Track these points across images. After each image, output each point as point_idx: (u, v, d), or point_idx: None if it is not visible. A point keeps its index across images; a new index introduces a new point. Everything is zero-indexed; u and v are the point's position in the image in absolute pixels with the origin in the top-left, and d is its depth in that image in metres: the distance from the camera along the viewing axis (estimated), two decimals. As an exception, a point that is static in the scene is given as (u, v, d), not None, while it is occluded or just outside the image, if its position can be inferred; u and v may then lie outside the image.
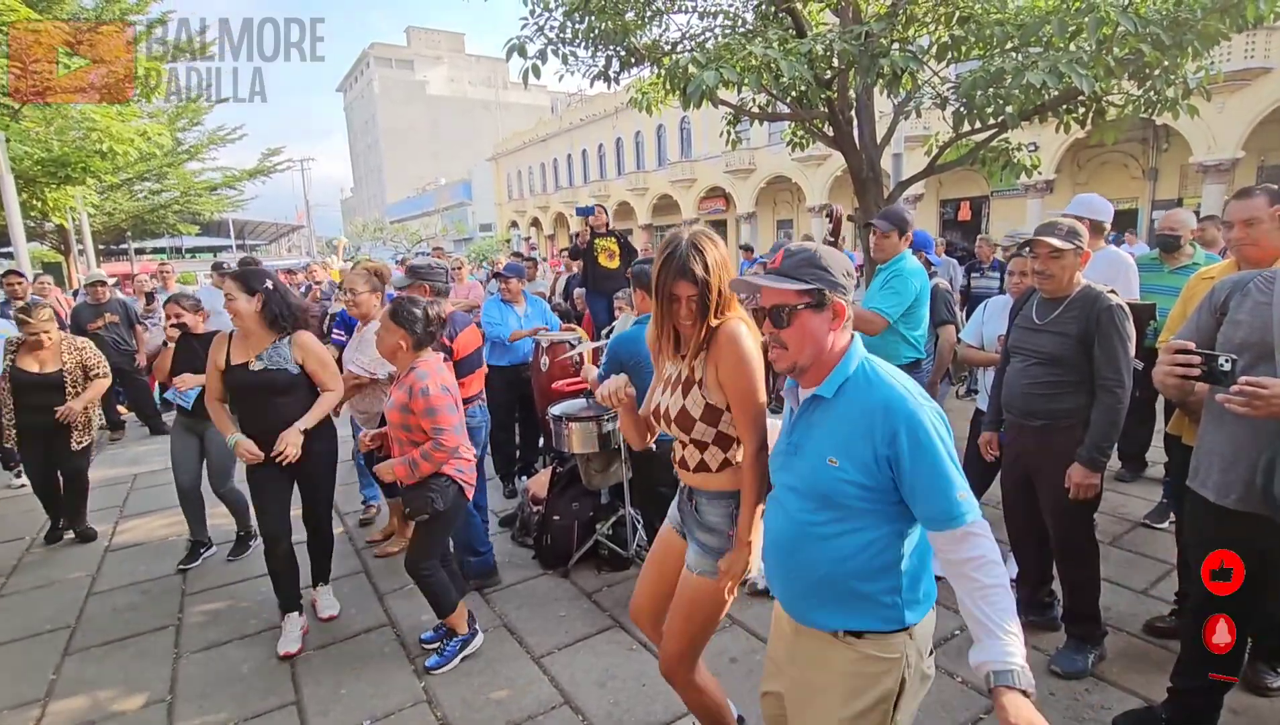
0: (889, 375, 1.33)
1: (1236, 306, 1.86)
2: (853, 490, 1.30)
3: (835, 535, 1.34)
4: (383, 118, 71.76)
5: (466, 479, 2.78)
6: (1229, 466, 1.84)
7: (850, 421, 1.31)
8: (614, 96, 29.16)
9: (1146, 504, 3.93)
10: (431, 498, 2.62)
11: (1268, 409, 1.57)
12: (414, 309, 2.66)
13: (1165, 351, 1.71)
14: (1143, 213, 19.29)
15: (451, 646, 2.80)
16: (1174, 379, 1.69)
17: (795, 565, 1.40)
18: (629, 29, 5.94)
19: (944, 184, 22.13)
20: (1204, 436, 1.96)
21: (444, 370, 2.75)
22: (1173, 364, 1.67)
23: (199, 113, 16.03)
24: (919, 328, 3.39)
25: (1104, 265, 3.47)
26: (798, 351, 1.35)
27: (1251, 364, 1.75)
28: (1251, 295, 1.84)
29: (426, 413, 2.56)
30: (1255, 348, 1.78)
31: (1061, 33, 4.27)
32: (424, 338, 2.68)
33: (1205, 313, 1.95)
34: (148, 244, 29.05)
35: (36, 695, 2.72)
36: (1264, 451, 1.75)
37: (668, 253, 1.66)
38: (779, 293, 1.34)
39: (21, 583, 3.75)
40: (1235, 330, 1.84)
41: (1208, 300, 1.96)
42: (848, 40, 4.78)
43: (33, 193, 10.68)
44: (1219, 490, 1.87)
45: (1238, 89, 15.16)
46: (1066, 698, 2.39)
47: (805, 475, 1.37)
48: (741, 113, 6.84)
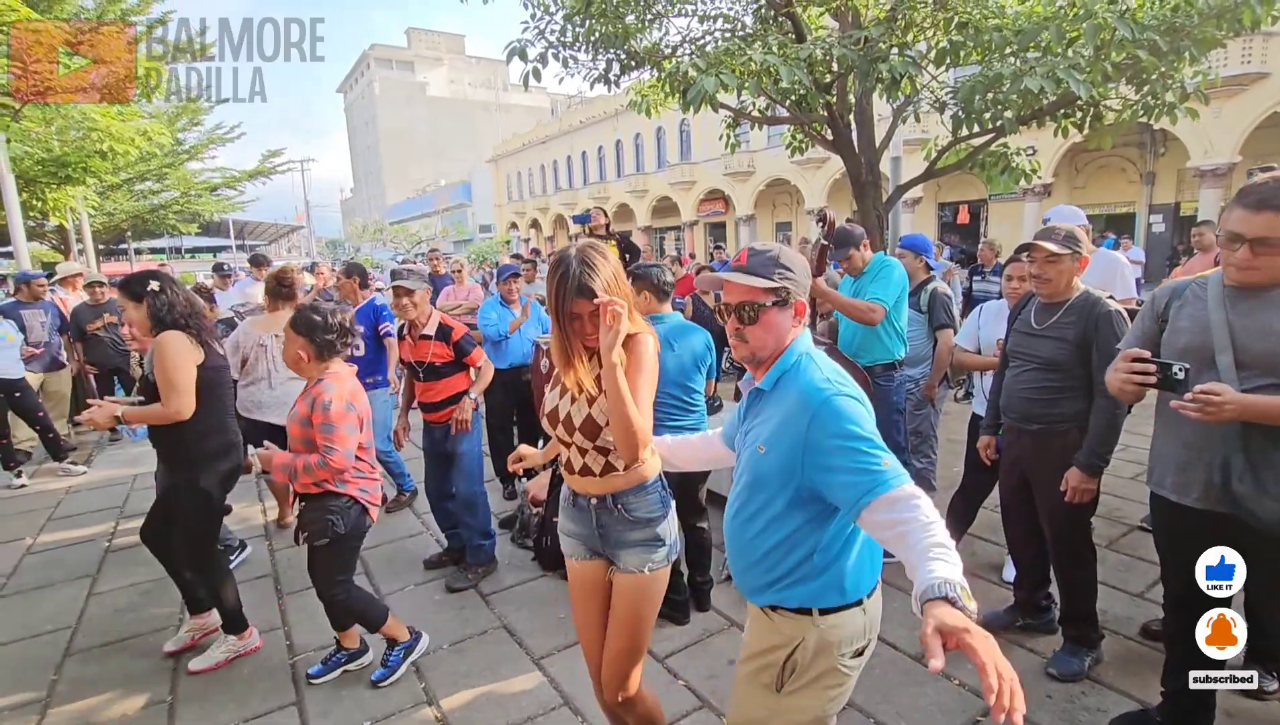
0: (815, 367, 1.40)
1: (1176, 313, 1.91)
2: (774, 477, 1.38)
3: (761, 518, 1.43)
4: (383, 119, 71.78)
5: (371, 500, 2.60)
6: (1184, 468, 1.90)
7: (782, 411, 1.39)
8: (614, 99, 29.19)
9: (1143, 507, 3.95)
10: (331, 520, 2.46)
11: (1220, 414, 1.64)
12: (314, 316, 2.46)
13: (1121, 359, 1.76)
14: (1140, 217, 19.34)
15: (395, 656, 2.71)
16: (1131, 387, 1.74)
17: (736, 547, 1.51)
18: (629, 32, 5.97)
19: (942, 187, 22.19)
20: (1156, 439, 2.02)
21: (354, 384, 2.55)
22: (1129, 372, 1.72)
23: (199, 113, 16.01)
24: (902, 320, 3.53)
25: (1099, 267, 3.55)
26: (760, 345, 1.43)
27: (1196, 370, 1.79)
28: (1189, 302, 1.89)
29: (322, 428, 2.38)
30: (1197, 352, 1.82)
31: (1059, 39, 4.30)
32: (324, 346, 2.48)
33: (1148, 319, 2.00)
34: (147, 244, 28.99)
35: (38, 696, 2.72)
36: (1217, 452, 1.80)
37: (560, 272, 1.60)
38: (747, 290, 1.40)
39: (22, 583, 3.76)
40: (1177, 336, 1.89)
41: (1149, 306, 2.00)
42: (847, 45, 4.81)
43: (33, 193, 10.66)
44: (1178, 490, 1.92)
45: (1235, 94, 15.22)
46: (1063, 700, 2.40)
47: (745, 463, 1.48)
48: (741, 116, 6.87)
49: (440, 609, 3.28)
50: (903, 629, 2.87)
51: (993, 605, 3.00)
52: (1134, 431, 4.95)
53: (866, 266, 3.50)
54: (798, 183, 26.59)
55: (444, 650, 2.92)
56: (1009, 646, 2.72)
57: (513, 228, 47.17)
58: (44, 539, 4.35)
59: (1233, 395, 1.64)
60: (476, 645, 2.95)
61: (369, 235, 55.08)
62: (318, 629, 3.12)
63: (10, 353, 5.38)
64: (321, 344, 2.46)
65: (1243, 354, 1.74)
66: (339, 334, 2.50)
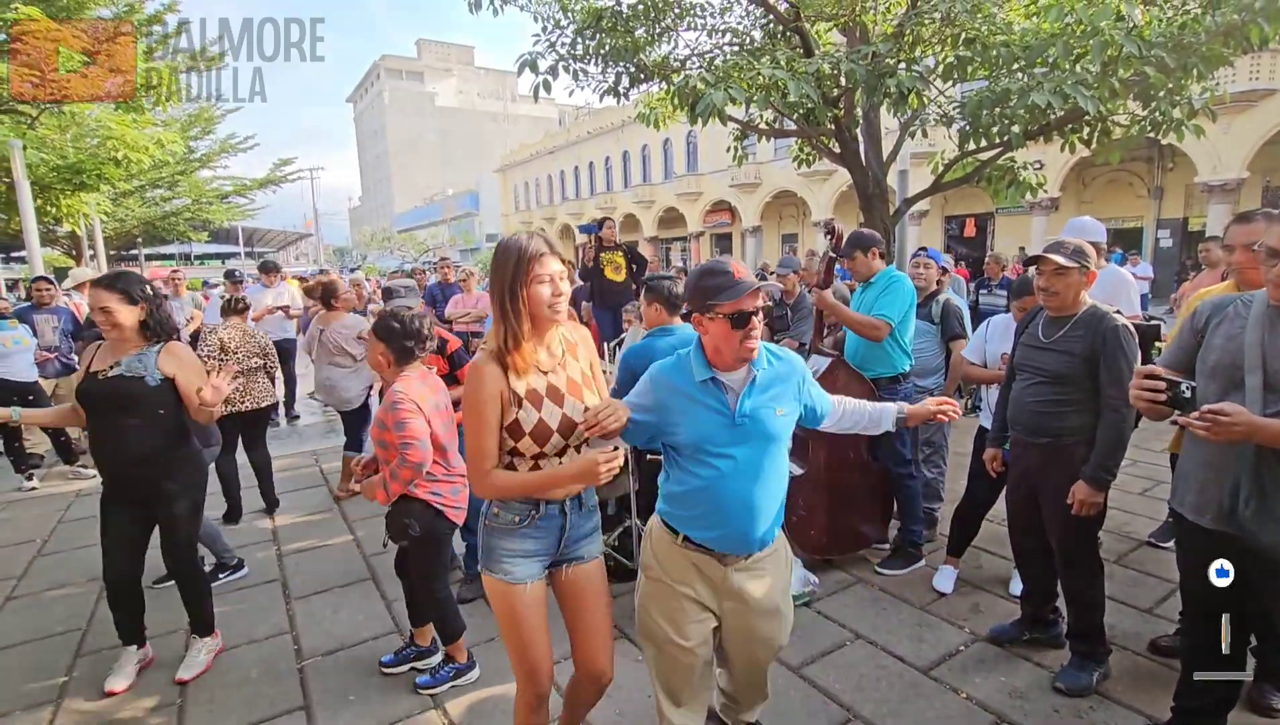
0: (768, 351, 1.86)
1: (1214, 329, 1.90)
2: (789, 425, 1.84)
3: (779, 469, 1.84)
4: (392, 128, 72.45)
5: (446, 502, 2.60)
6: (1203, 487, 1.89)
7: (779, 383, 1.82)
8: (621, 110, 29.40)
9: (1151, 523, 3.94)
10: (406, 523, 2.54)
11: (1228, 433, 1.62)
12: (393, 323, 2.53)
13: (1137, 375, 1.77)
14: (1147, 232, 19.32)
15: (445, 672, 2.72)
16: (1142, 403, 1.75)
17: (763, 502, 1.79)
18: (639, 46, 6.04)
19: (949, 201, 22.22)
20: (1182, 458, 2.03)
21: (421, 387, 2.55)
22: (1140, 388, 1.73)
23: (211, 121, 16.22)
24: (909, 334, 3.51)
25: (1105, 284, 3.50)
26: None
27: (1223, 388, 1.79)
28: (1229, 319, 1.88)
29: (395, 427, 2.39)
30: (1226, 371, 1.82)
31: (1066, 55, 4.33)
32: (402, 352, 2.54)
33: (1187, 333, 2.00)
34: (158, 250, 29.28)
35: (49, 696, 2.75)
36: (1230, 473, 1.79)
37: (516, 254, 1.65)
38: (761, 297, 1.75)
39: (33, 585, 3.79)
40: (1209, 353, 1.89)
41: (1190, 321, 2.00)
42: (855, 60, 4.86)
43: (47, 199, 10.80)
44: (1195, 509, 1.92)
45: (1243, 109, 15.25)
46: (1070, 715, 2.39)
47: (760, 431, 1.76)
48: (749, 129, 6.91)
49: (447, 616, 3.29)
50: (909, 642, 2.87)
51: (999, 618, 2.99)
52: (1142, 447, 4.95)
53: (874, 278, 3.48)
54: (804, 195, 26.68)
55: (451, 657, 2.93)
56: (1015, 660, 2.72)
57: (519, 237, 47.25)
58: (54, 542, 4.38)
59: (1244, 416, 1.61)
60: (484, 651, 2.95)
61: (376, 243, 55.40)
62: (325, 634, 3.15)
63: (25, 357, 5.44)
64: (399, 350, 2.54)
65: (1273, 377, 1.73)
66: (416, 340, 2.57)
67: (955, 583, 3.32)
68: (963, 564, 3.41)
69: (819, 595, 3.28)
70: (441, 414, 2.61)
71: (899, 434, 3.58)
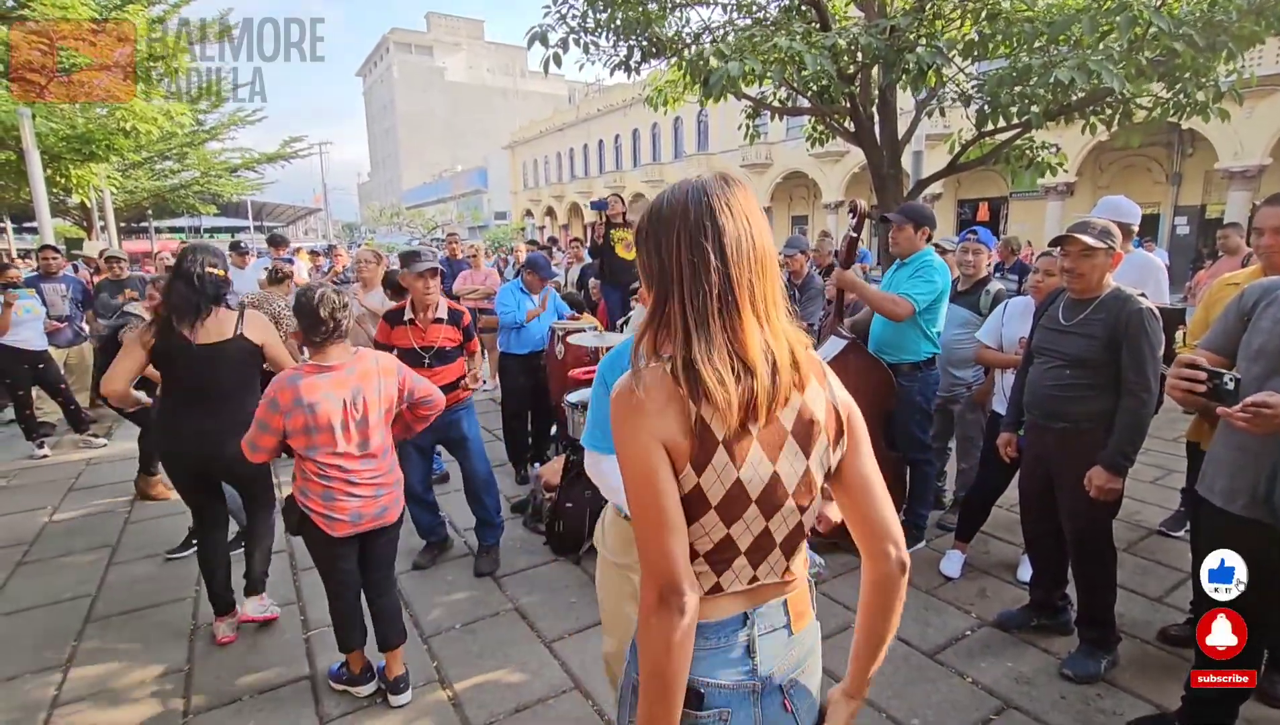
0: None
1: (1261, 312, 1.85)
2: None
3: None
4: (401, 103, 71.92)
5: (312, 506, 2.33)
6: (1236, 473, 1.85)
7: None
8: (631, 88, 29.03)
9: (1163, 512, 3.90)
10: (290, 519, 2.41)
11: (1271, 425, 1.58)
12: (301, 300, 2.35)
13: (1177, 364, 1.72)
14: (1164, 218, 19.03)
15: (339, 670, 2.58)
16: (1179, 393, 1.70)
17: None
18: (651, 19, 5.92)
19: (963, 184, 21.91)
20: (1214, 444, 1.98)
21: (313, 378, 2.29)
22: (1179, 378, 1.68)
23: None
24: (937, 323, 3.41)
25: (1133, 268, 3.36)
26: None
27: (1267, 372, 1.74)
28: (1277, 302, 1.83)
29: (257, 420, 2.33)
30: (1272, 356, 1.77)
31: (1092, 31, 4.21)
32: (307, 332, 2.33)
33: (1233, 316, 1.94)
34: (167, 223, 29.30)
35: (59, 661, 2.78)
36: (1267, 459, 1.76)
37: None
38: None
39: (44, 551, 3.82)
40: (1255, 336, 1.83)
41: (1235, 304, 1.94)
42: (873, 34, 4.74)
43: (57, 169, 10.80)
44: (1226, 496, 1.88)
45: (1268, 93, 14.87)
46: (1078, 702, 2.38)
47: None
48: (761, 106, 6.79)
49: (453, 589, 3.30)
50: (915, 626, 2.86)
51: (1006, 604, 2.98)
52: (1154, 434, 4.86)
53: (910, 257, 3.34)
54: (815, 176, 26.37)
55: (456, 630, 2.94)
56: (1022, 645, 2.70)
57: (527, 215, 47.17)
58: (65, 509, 4.42)
59: None
60: (489, 626, 2.97)
61: (385, 219, 55.33)
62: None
63: (35, 326, 5.46)
64: (304, 329, 2.35)
65: None
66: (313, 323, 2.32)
67: (963, 568, 3.31)
68: (970, 549, 3.38)
69: (826, 578, 3.27)
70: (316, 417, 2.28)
71: (918, 421, 3.53)
